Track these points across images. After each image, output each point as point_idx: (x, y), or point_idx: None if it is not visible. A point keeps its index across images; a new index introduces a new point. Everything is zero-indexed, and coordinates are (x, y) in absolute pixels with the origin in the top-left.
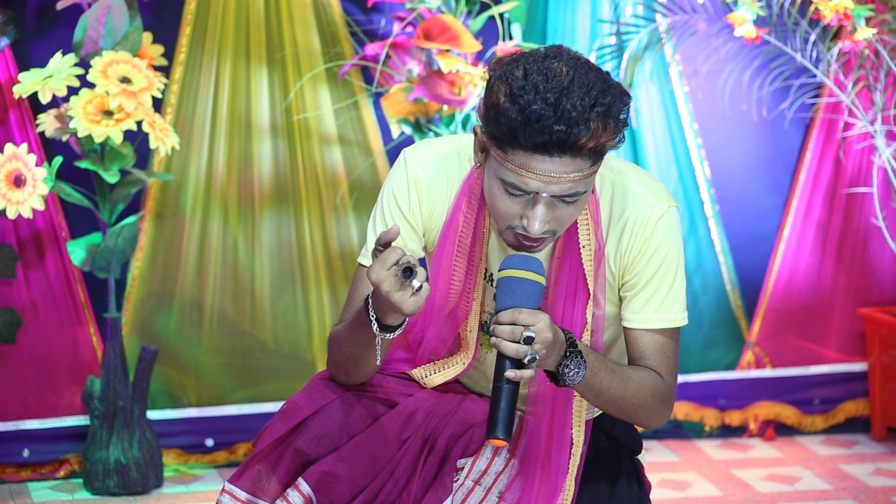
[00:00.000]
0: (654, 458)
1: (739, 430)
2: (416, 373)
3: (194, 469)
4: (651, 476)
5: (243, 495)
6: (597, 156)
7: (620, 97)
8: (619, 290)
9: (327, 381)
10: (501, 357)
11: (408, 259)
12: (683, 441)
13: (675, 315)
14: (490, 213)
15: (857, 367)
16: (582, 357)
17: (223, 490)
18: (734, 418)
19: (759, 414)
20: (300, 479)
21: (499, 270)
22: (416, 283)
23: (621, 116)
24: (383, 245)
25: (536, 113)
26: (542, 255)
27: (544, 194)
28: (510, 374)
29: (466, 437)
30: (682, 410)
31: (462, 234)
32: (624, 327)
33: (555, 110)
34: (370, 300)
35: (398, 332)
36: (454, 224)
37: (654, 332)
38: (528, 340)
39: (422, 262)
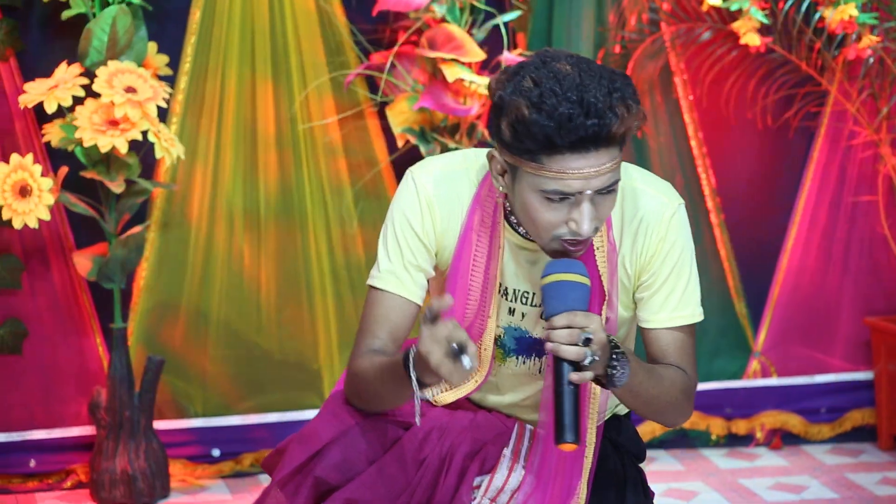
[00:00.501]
0: (660, 467)
1: (746, 439)
2: (428, 392)
3: (201, 479)
4: (657, 486)
5: None
6: (623, 141)
7: (625, 78)
8: (633, 293)
9: (343, 405)
10: (558, 362)
11: (460, 336)
12: (689, 450)
13: (693, 311)
14: (527, 226)
15: (864, 375)
16: (626, 358)
17: None
18: (740, 427)
19: (766, 423)
20: None
21: (542, 277)
22: (466, 362)
23: (636, 95)
24: (434, 317)
25: (566, 114)
26: None
27: (588, 192)
28: (574, 377)
29: (482, 454)
30: (688, 420)
31: (477, 252)
32: (642, 328)
33: (581, 106)
34: (411, 359)
35: (437, 388)
36: (468, 241)
37: (673, 331)
38: (587, 342)
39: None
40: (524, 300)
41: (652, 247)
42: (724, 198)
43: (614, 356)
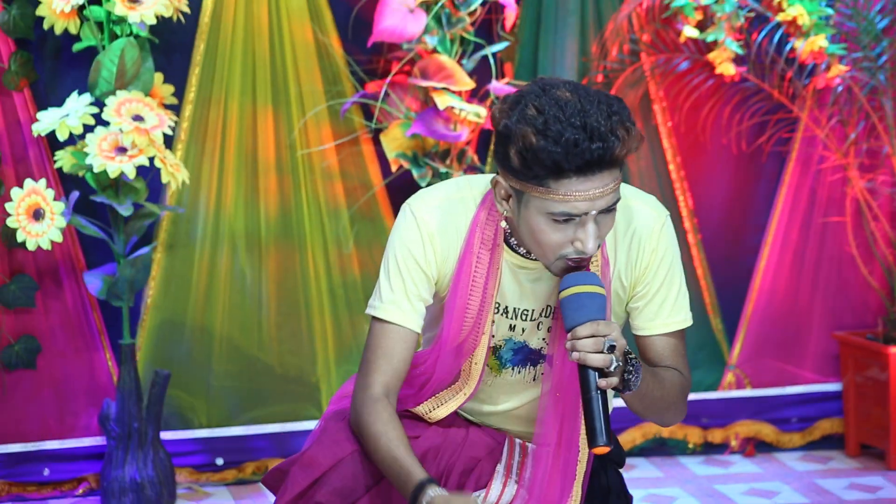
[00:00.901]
0: (640, 474)
1: (721, 448)
2: (421, 409)
3: (205, 487)
4: (637, 492)
5: None
6: (624, 162)
7: (620, 101)
8: (627, 303)
9: (341, 429)
10: (584, 370)
11: None
12: (668, 458)
13: (685, 316)
14: (532, 248)
15: (832, 387)
16: (639, 362)
17: None
18: (716, 436)
19: (740, 432)
20: None
21: (561, 291)
22: None
23: (631, 118)
24: None
25: (572, 139)
26: (550, 281)
27: (593, 212)
28: (602, 382)
29: (477, 471)
30: (667, 429)
31: (476, 272)
32: (638, 335)
33: (586, 131)
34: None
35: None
36: (467, 263)
37: (668, 336)
38: (612, 349)
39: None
40: (524, 317)
41: (645, 258)
42: (701, 218)
43: (629, 361)
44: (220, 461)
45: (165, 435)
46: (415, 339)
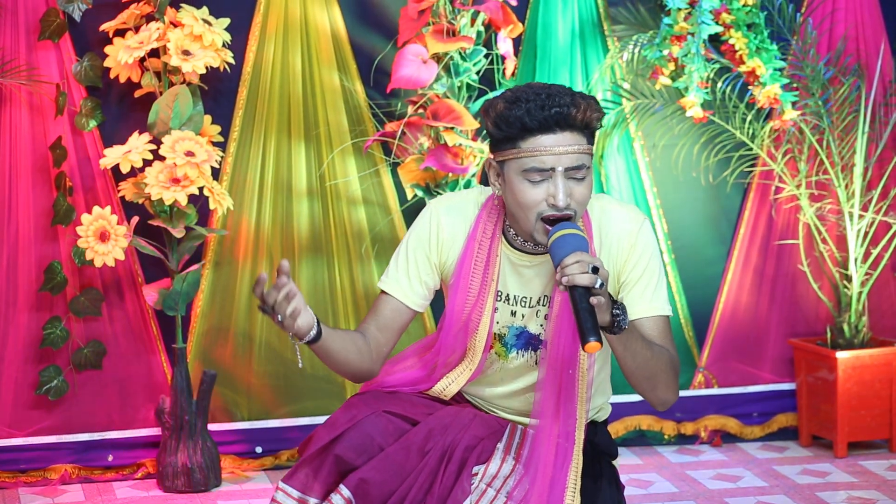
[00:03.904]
0: (623, 461)
1: (692, 438)
2: (437, 388)
3: (247, 472)
4: (621, 476)
5: (295, 493)
6: (589, 134)
7: (588, 94)
8: (617, 294)
9: (362, 398)
10: (573, 292)
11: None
12: (646, 447)
13: (664, 305)
14: (517, 213)
15: (788, 386)
16: (624, 306)
17: (277, 488)
18: (688, 429)
19: (709, 425)
20: (341, 486)
21: (549, 238)
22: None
23: (596, 101)
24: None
25: (535, 102)
26: (546, 274)
27: (560, 168)
28: (593, 300)
29: (479, 447)
30: (646, 422)
31: (477, 257)
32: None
33: (548, 97)
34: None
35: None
36: (470, 249)
37: (653, 319)
38: (595, 270)
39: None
40: (523, 303)
41: (625, 253)
42: (675, 240)
43: (615, 303)
44: (259, 449)
45: (212, 426)
46: (406, 313)
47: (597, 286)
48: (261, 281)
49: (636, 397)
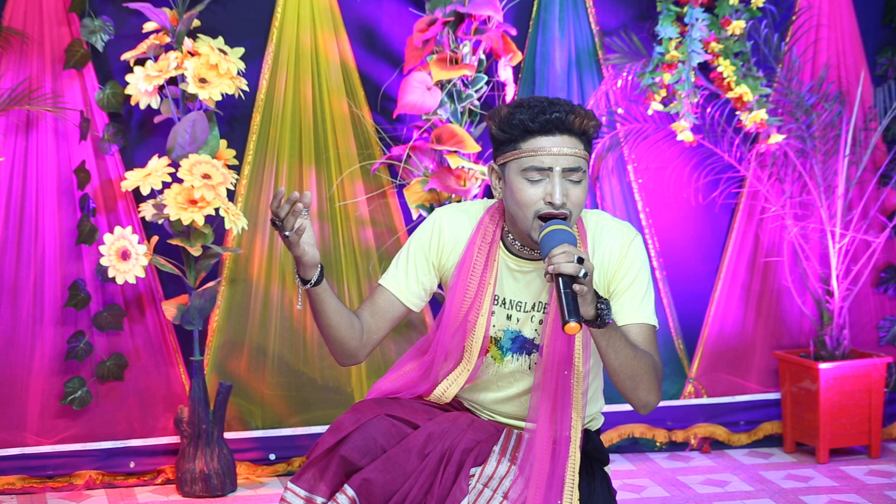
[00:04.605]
0: (617, 467)
1: (683, 445)
2: (436, 392)
3: (261, 478)
4: (613, 482)
5: (302, 493)
6: (586, 140)
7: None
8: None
9: (366, 404)
10: (558, 280)
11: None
12: (639, 454)
13: (650, 315)
14: (516, 213)
15: (773, 396)
16: (608, 302)
17: (286, 489)
18: (678, 436)
19: (698, 432)
20: (346, 486)
21: (540, 233)
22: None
23: (593, 112)
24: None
25: (537, 107)
26: (541, 280)
27: (557, 168)
28: (576, 287)
29: (476, 450)
30: (638, 430)
31: (476, 261)
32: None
33: (549, 104)
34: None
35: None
36: (470, 253)
37: (639, 326)
38: (580, 260)
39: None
40: (519, 308)
41: (615, 263)
42: (666, 258)
43: (599, 298)
44: (272, 456)
45: (228, 435)
46: (399, 307)
47: (580, 275)
48: (278, 194)
49: (629, 406)
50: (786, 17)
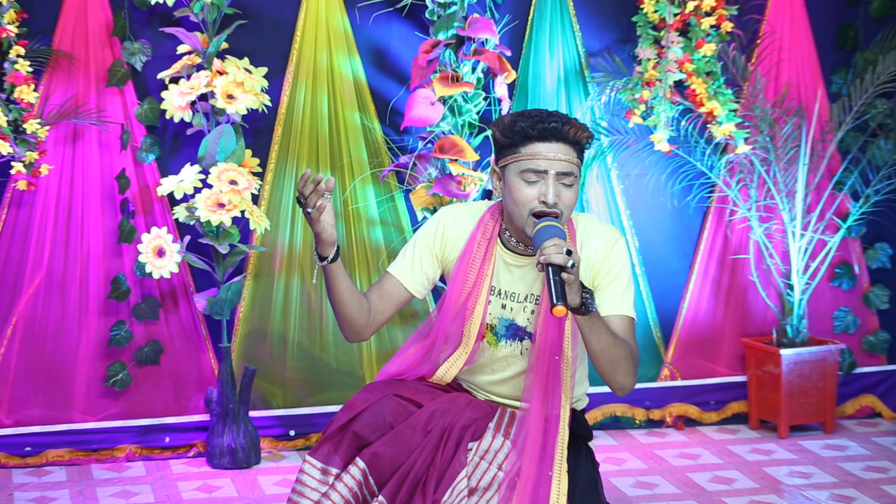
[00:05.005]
0: (600, 443)
1: (659, 423)
2: (437, 374)
3: (282, 451)
4: (597, 456)
5: (319, 464)
6: (579, 149)
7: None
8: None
9: (376, 385)
10: (548, 269)
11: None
12: (621, 431)
13: (630, 308)
14: (513, 210)
15: (740, 378)
16: (593, 292)
17: (304, 461)
18: (656, 415)
19: (673, 411)
20: (357, 458)
21: (533, 228)
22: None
23: (586, 126)
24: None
25: (537, 117)
26: (533, 274)
27: (552, 171)
28: (564, 275)
29: (474, 427)
30: (619, 409)
31: (475, 255)
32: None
33: (548, 115)
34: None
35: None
36: (469, 247)
37: (619, 317)
38: (569, 252)
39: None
40: (513, 298)
41: (600, 261)
42: (645, 255)
43: (585, 288)
44: (292, 433)
45: (252, 413)
46: (403, 293)
47: (568, 266)
48: (304, 175)
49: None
50: (751, 41)
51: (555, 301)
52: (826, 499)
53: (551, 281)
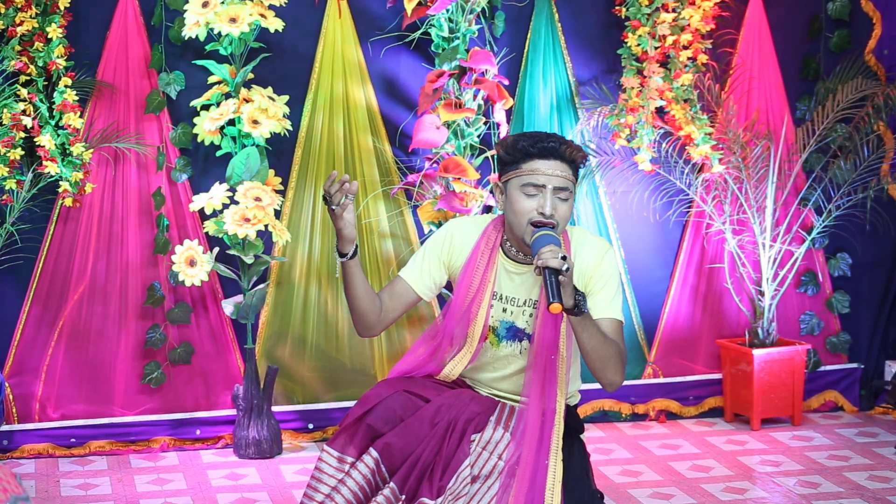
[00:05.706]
0: (589, 435)
1: (643, 416)
2: (444, 372)
3: (302, 443)
4: (588, 446)
5: (335, 454)
6: (574, 167)
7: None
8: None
9: (387, 382)
10: (544, 272)
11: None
12: (608, 424)
13: (618, 312)
14: (514, 221)
15: (716, 376)
16: (585, 294)
17: (322, 451)
18: (640, 409)
19: (656, 406)
20: (371, 448)
21: (532, 237)
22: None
23: (581, 147)
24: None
25: (537, 136)
26: (532, 280)
27: (550, 186)
28: (562, 278)
29: (476, 420)
30: (607, 404)
31: (479, 263)
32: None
33: (547, 136)
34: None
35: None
36: (474, 256)
37: (608, 320)
38: (564, 258)
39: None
40: (513, 303)
41: (592, 269)
42: (630, 264)
43: (578, 291)
44: (311, 426)
45: (275, 408)
46: (412, 294)
47: (563, 269)
48: (331, 176)
49: (600, 385)
50: (724, 72)
51: (551, 299)
52: (794, 485)
53: (548, 281)
